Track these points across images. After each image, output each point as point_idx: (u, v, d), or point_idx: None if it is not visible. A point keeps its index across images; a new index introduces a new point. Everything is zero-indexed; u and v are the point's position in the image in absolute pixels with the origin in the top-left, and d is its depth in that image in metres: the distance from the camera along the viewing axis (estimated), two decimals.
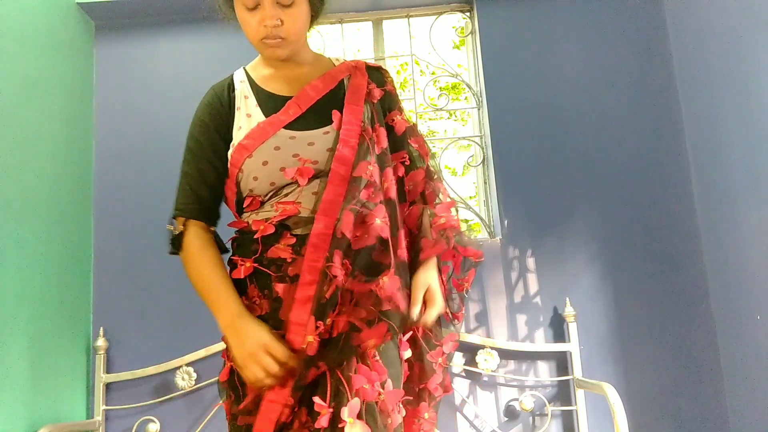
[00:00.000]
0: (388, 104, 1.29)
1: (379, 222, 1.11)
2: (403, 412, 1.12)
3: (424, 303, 1.15)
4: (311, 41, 1.33)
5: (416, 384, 1.22)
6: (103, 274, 2.32)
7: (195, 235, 1.18)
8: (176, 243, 1.18)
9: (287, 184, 1.16)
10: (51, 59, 2.17)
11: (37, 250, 1.97)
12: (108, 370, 2.22)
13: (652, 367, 2.21)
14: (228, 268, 1.19)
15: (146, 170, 2.36)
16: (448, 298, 1.25)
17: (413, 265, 1.19)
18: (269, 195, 1.17)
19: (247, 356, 1.05)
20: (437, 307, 1.16)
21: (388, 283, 1.07)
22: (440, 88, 3.32)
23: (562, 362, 2.24)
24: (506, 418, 2.22)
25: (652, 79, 2.39)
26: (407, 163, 1.26)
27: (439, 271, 1.22)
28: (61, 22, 2.26)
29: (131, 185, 2.36)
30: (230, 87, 1.24)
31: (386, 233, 1.12)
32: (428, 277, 1.17)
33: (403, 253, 1.17)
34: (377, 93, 1.26)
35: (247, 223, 1.18)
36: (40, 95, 2.08)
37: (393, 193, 1.19)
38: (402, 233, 1.18)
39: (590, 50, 2.43)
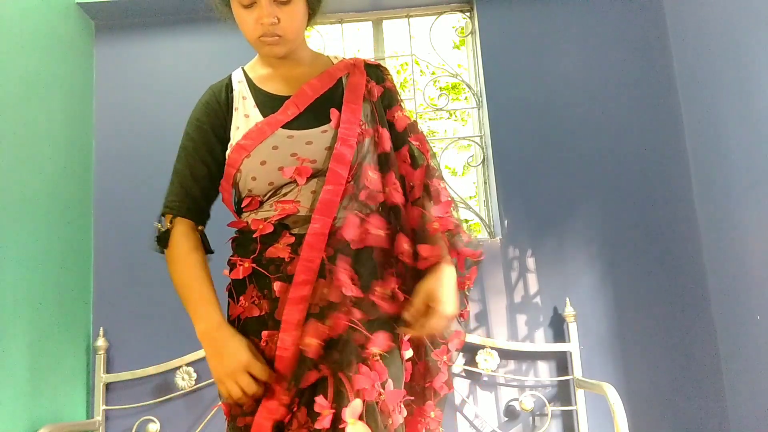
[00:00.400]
0: (387, 101, 1.28)
1: (382, 234, 1.12)
2: (405, 413, 1.11)
3: (428, 309, 1.13)
4: (311, 41, 1.32)
5: (421, 382, 1.22)
6: (103, 274, 2.33)
7: (182, 234, 1.16)
8: (163, 240, 1.17)
9: (286, 184, 1.15)
10: (51, 59, 2.17)
11: (37, 250, 1.97)
12: (108, 370, 2.22)
13: (652, 367, 2.21)
14: (228, 268, 1.19)
15: (146, 170, 2.36)
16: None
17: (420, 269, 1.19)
18: (268, 195, 1.17)
19: (226, 375, 1.06)
20: (439, 316, 1.11)
21: (394, 296, 1.10)
22: (440, 88, 3.33)
23: (562, 362, 2.24)
24: (506, 418, 2.22)
25: (652, 79, 2.39)
26: (407, 161, 1.25)
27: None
28: (61, 22, 2.26)
29: (131, 185, 2.36)
30: (228, 87, 1.23)
31: (385, 243, 1.12)
32: (431, 283, 1.13)
33: (409, 260, 1.16)
34: (377, 91, 1.25)
35: (247, 222, 1.18)
36: (40, 95, 2.08)
37: (398, 198, 1.17)
38: (406, 240, 1.17)
39: (590, 50, 2.43)
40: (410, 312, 1.12)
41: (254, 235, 1.13)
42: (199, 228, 1.20)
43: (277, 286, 1.09)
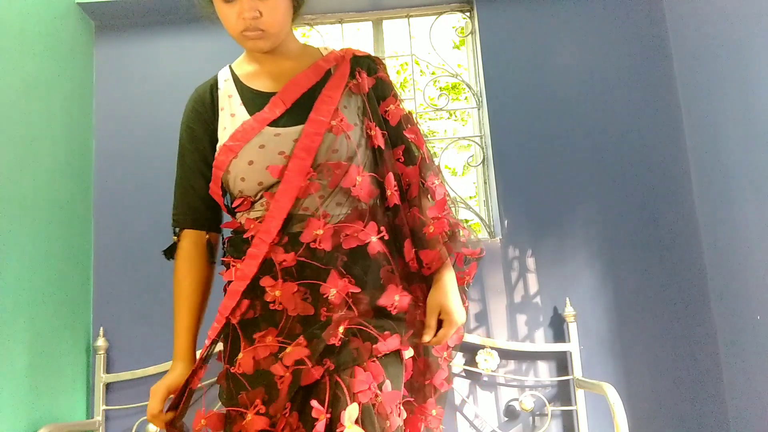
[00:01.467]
0: (381, 92, 1.24)
1: (375, 240, 1.11)
2: (404, 414, 1.11)
3: (439, 324, 1.15)
4: (311, 41, 1.32)
5: (421, 380, 1.22)
6: (103, 274, 2.32)
7: (184, 250, 1.22)
8: (169, 252, 1.24)
9: (276, 183, 1.13)
10: (51, 59, 2.16)
11: (37, 250, 1.97)
12: (108, 370, 2.22)
13: (652, 367, 2.21)
14: (226, 269, 1.18)
15: (146, 170, 2.36)
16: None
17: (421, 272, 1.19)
18: (259, 194, 1.15)
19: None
20: (453, 326, 1.14)
21: (400, 300, 1.10)
22: (440, 88, 3.33)
23: (562, 362, 2.24)
24: (506, 418, 2.22)
25: (652, 79, 2.39)
26: (402, 159, 1.23)
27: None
28: (61, 22, 2.26)
29: (131, 185, 2.36)
30: (214, 87, 1.22)
31: (384, 248, 1.12)
32: (440, 296, 1.15)
33: (414, 263, 1.16)
34: (368, 82, 1.21)
35: (240, 223, 1.18)
36: (40, 95, 2.08)
37: (398, 199, 1.17)
38: (409, 242, 1.17)
39: (590, 50, 2.43)
40: (426, 330, 1.15)
41: (245, 236, 1.13)
42: (209, 236, 1.23)
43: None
